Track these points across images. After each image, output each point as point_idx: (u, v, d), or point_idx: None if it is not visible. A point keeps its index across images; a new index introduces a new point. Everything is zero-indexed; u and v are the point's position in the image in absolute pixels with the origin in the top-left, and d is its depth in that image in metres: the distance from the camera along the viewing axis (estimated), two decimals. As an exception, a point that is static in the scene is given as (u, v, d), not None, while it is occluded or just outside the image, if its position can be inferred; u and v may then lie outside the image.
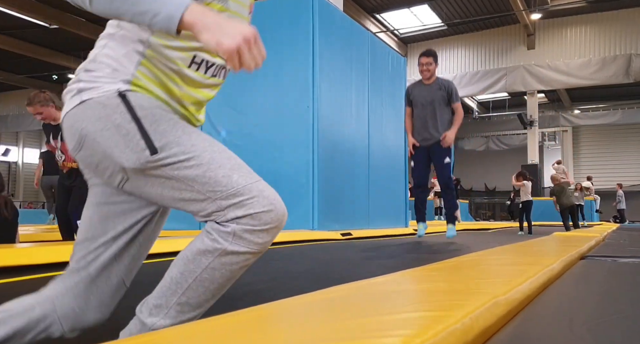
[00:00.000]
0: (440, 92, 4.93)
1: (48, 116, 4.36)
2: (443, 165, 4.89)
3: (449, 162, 4.89)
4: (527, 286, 1.53)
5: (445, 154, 4.89)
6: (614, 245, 5.08)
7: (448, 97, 4.96)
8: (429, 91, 4.97)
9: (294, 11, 6.09)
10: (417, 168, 5.03)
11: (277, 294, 1.84)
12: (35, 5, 14.92)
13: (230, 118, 6.23)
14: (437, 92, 4.94)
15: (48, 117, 4.36)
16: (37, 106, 4.30)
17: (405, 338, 0.80)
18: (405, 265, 2.48)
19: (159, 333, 0.92)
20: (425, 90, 5.01)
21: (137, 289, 1.98)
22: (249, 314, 1.10)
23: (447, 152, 4.91)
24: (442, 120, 4.93)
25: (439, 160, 4.90)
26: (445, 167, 4.88)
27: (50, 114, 4.37)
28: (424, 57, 5.01)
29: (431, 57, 4.99)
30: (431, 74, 4.99)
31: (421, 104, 4.99)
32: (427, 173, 5.03)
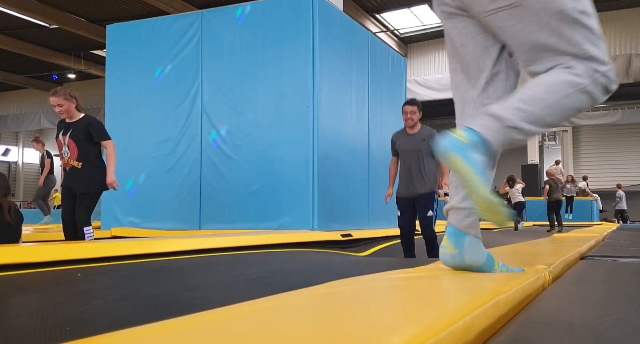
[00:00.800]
0: (424, 143, 4.90)
1: (67, 110, 4.37)
2: (426, 217, 4.89)
3: (431, 215, 4.90)
4: (527, 286, 1.53)
5: (429, 207, 4.90)
6: (614, 245, 5.09)
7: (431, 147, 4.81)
8: (414, 141, 4.97)
9: (294, 11, 6.09)
10: (403, 218, 5.01)
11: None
12: (35, 5, 14.91)
13: (230, 118, 6.23)
14: (421, 143, 4.92)
15: (66, 112, 4.38)
16: (61, 98, 4.33)
17: (406, 337, 0.80)
18: (405, 264, 2.49)
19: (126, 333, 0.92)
20: (410, 140, 5.01)
21: (137, 287, 1.97)
22: (245, 308, 1.10)
23: (431, 205, 4.91)
24: (427, 172, 4.92)
25: (422, 212, 4.91)
26: (428, 219, 4.89)
27: (70, 109, 4.39)
28: (408, 105, 5.02)
29: (415, 106, 4.99)
30: (415, 123, 4.99)
31: (406, 155, 5.00)
32: (412, 222, 5.03)
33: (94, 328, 1.26)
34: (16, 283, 2.10)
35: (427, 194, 4.89)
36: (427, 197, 4.89)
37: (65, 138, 4.38)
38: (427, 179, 4.89)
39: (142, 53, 6.81)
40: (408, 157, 4.96)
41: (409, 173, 4.92)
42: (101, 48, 17.03)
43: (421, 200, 4.89)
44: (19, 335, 1.20)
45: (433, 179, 4.97)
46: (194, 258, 3.13)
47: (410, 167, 4.92)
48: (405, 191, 4.96)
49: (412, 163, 4.92)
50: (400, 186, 5.06)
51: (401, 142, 5.06)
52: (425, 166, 4.90)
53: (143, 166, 6.62)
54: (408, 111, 4.97)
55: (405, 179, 4.97)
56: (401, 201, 5.02)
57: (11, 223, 3.67)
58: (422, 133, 4.97)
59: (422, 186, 4.87)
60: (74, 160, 4.35)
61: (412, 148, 4.95)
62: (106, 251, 2.90)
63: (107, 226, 6.67)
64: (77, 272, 2.36)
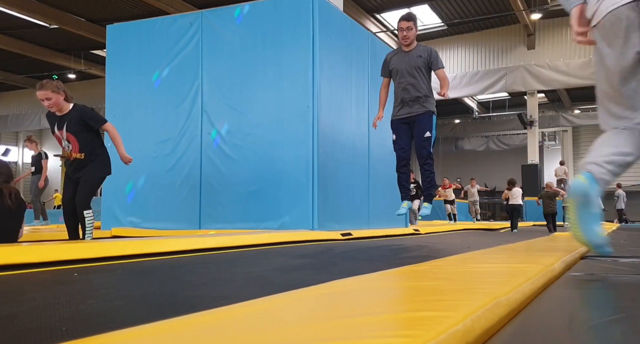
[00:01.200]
0: (421, 59, 4.55)
1: (56, 103, 4.27)
2: (423, 138, 4.51)
3: (429, 136, 4.52)
4: (527, 287, 1.53)
5: (427, 128, 4.52)
6: (614, 245, 5.08)
7: (429, 63, 4.58)
8: (410, 59, 4.59)
9: (294, 11, 6.09)
10: (398, 142, 4.63)
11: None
12: (35, 5, 14.91)
13: (230, 118, 6.23)
14: (418, 59, 4.56)
15: (55, 105, 4.28)
16: (48, 91, 4.23)
17: (407, 339, 0.80)
18: (404, 264, 2.48)
19: (123, 333, 0.92)
20: (406, 58, 4.61)
21: (134, 286, 1.97)
22: (243, 309, 1.10)
23: (429, 126, 4.54)
24: (425, 90, 4.56)
25: (420, 134, 4.53)
26: (425, 141, 4.51)
27: (59, 102, 4.29)
28: (403, 21, 4.62)
29: (411, 21, 4.63)
30: (411, 40, 4.61)
31: (401, 73, 4.60)
32: (409, 147, 4.64)
33: (90, 328, 1.26)
34: (12, 282, 2.10)
35: (425, 114, 4.53)
36: (425, 118, 4.54)
37: (63, 133, 4.34)
38: (425, 98, 4.54)
39: (142, 53, 6.81)
40: (404, 75, 4.58)
41: (406, 93, 4.56)
42: (101, 48, 17.04)
43: (419, 120, 4.54)
44: (14, 335, 1.20)
45: (431, 98, 4.60)
46: (191, 257, 3.13)
47: (407, 86, 4.55)
48: (402, 112, 4.60)
49: (408, 82, 4.55)
50: (395, 108, 4.69)
51: (396, 60, 4.70)
52: (424, 84, 4.56)
53: (143, 166, 6.61)
54: (404, 27, 4.58)
55: (402, 99, 4.59)
56: (397, 123, 4.65)
57: (12, 207, 3.68)
58: (419, 50, 4.62)
59: (420, 106, 4.53)
60: (77, 152, 4.33)
61: (408, 66, 4.57)
62: (103, 251, 2.90)
63: (107, 226, 6.67)
64: (73, 272, 2.36)
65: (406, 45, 4.65)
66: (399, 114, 4.61)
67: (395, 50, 4.81)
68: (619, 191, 18.39)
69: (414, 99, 4.53)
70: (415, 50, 4.64)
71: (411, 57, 4.60)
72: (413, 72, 4.55)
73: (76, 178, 4.38)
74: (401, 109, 4.59)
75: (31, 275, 2.27)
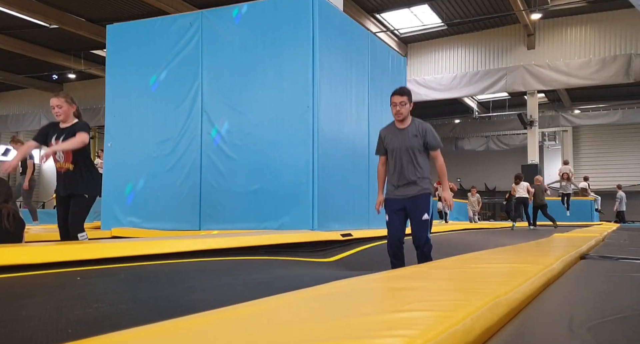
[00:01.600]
0: (416, 139, 4.29)
1: (65, 113, 4.31)
2: (420, 222, 4.20)
3: (427, 220, 4.21)
4: (527, 286, 1.53)
5: (424, 210, 4.23)
6: (614, 245, 5.09)
7: (425, 143, 4.32)
8: (405, 137, 4.33)
9: (294, 11, 6.09)
10: (392, 222, 4.33)
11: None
12: (35, 5, 14.91)
13: (230, 118, 6.23)
14: (413, 138, 4.30)
15: (64, 114, 4.32)
16: (62, 100, 4.28)
17: (407, 339, 0.80)
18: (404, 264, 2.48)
19: (125, 333, 0.92)
20: (400, 136, 4.35)
21: (138, 290, 1.97)
22: (244, 309, 1.10)
23: (426, 208, 4.26)
24: (421, 171, 4.31)
25: (416, 216, 4.22)
26: (422, 224, 4.20)
27: (67, 114, 4.34)
28: (396, 95, 4.32)
29: (405, 95, 4.33)
30: (405, 116, 4.32)
31: (397, 153, 4.35)
32: (402, 228, 4.33)
33: (96, 331, 1.26)
34: (17, 286, 2.10)
35: (421, 195, 4.28)
36: (421, 198, 4.27)
37: (59, 143, 4.31)
38: (421, 179, 4.30)
39: (142, 53, 6.81)
40: (399, 154, 4.33)
41: (402, 175, 4.31)
42: (101, 48, 17.03)
43: (415, 201, 4.26)
44: (20, 337, 1.21)
45: (428, 179, 4.37)
46: (194, 262, 3.12)
47: (402, 166, 4.31)
48: (397, 192, 4.34)
49: (403, 162, 4.31)
50: (389, 187, 4.44)
51: (390, 138, 4.42)
52: (419, 164, 4.31)
53: (143, 166, 6.62)
54: (397, 102, 4.30)
55: (396, 179, 4.35)
56: (390, 203, 4.37)
57: (10, 229, 3.58)
58: (414, 128, 4.35)
59: (416, 187, 4.28)
60: (69, 162, 4.31)
61: (403, 145, 4.32)
62: (105, 252, 2.90)
63: (107, 226, 6.67)
64: (76, 274, 2.36)
65: (399, 122, 4.37)
66: (394, 194, 4.35)
67: (388, 127, 4.51)
68: (620, 193, 18.36)
69: (409, 182, 4.29)
70: (410, 128, 4.35)
71: (405, 135, 4.34)
72: (408, 153, 4.30)
73: (67, 196, 4.34)
74: (396, 189, 4.34)
75: (35, 277, 2.27)
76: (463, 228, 10.12)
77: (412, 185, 4.28)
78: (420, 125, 4.36)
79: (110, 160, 6.96)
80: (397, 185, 4.33)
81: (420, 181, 4.29)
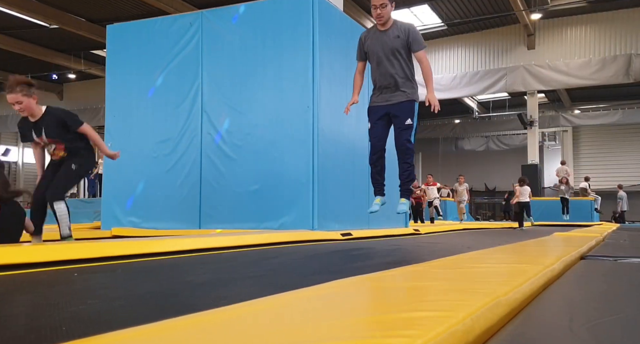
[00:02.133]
0: (399, 40, 4.02)
1: (28, 107, 3.84)
2: (403, 126, 4.02)
3: (410, 124, 4.03)
4: (527, 287, 1.53)
5: (408, 115, 4.04)
6: (614, 245, 5.09)
7: (408, 44, 4.05)
8: (386, 39, 4.07)
9: (294, 11, 6.09)
10: (374, 130, 4.17)
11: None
12: (35, 5, 14.91)
13: (230, 118, 6.23)
14: (395, 40, 4.03)
15: (27, 109, 3.85)
16: (19, 95, 3.78)
17: (407, 339, 0.80)
18: (404, 265, 2.48)
19: (124, 333, 0.92)
20: (381, 38, 4.08)
21: (139, 286, 1.97)
22: (245, 309, 1.10)
23: (410, 114, 4.06)
24: (405, 75, 4.08)
25: (400, 122, 4.04)
26: (406, 129, 4.01)
27: (31, 106, 3.86)
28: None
29: None
30: (386, 18, 4.05)
31: (378, 57, 4.11)
32: (385, 136, 4.18)
33: (90, 328, 1.26)
34: (12, 283, 2.10)
35: (405, 102, 4.07)
36: (406, 105, 4.06)
37: (43, 138, 4.04)
38: (404, 82, 4.08)
39: (142, 53, 6.81)
40: (381, 59, 4.10)
41: (384, 79, 4.09)
42: (101, 48, 17.03)
43: (399, 108, 4.06)
44: (14, 335, 1.20)
45: (412, 83, 4.13)
46: (191, 257, 3.13)
47: (386, 70, 4.09)
48: (380, 99, 4.15)
49: (386, 66, 4.08)
50: (373, 94, 4.25)
51: (371, 41, 4.17)
52: (404, 68, 4.08)
53: (143, 166, 6.61)
54: (377, 4, 4.01)
55: (380, 85, 4.14)
56: (374, 110, 4.19)
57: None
58: (397, 29, 4.09)
59: (401, 93, 4.07)
60: (62, 150, 4.07)
61: (385, 48, 4.07)
62: (103, 250, 2.90)
63: (107, 226, 6.67)
64: (73, 272, 2.36)
65: (381, 25, 4.12)
66: (377, 101, 4.18)
67: (370, 30, 4.26)
68: (621, 193, 18.33)
69: (393, 86, 4.09)
70: (392, 29, 4.10)
71: (388, 37, 4.08)
72: (390, 55, 4.07)
73: (58, 166, 4.10)
74: (379, 96, 4.16)
75: (31, 275, 2.27)
76: (463, 228, 10.12)
77: (395, 90, 4.10)
78: (402, 25, 4.12)
79: (110, 160, 6.95)
80: (381, 87, 4.14)
81: (404, 86, 4.08)
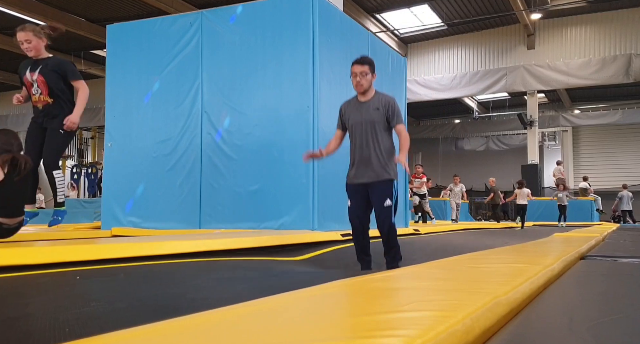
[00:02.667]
0: (377, 113, 3.87)
1: (35, 47, 4.03)
2: (382, 208, 3.83)
3: (390, 205, 3.84)
4: (527, 287, 1.53)
5: (386, 196, 3.86)
6: (614, 245, 5.09)
7: (387, 117, 3.90)
8: (365, 111, 3.92)
9: (294, 11, 6.09)
10: (353, 210, 3.94)
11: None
12: (35, 5, 14.92)
13: (230, 118, 6.23)
14: (375, 112, 3.88)
15: (35, 49, 4.03)
16: (29, 33, 3.99)
17: (407, 339, 0.80)
18: (404, 265, 2.49)
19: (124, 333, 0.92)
20: (361, 109, 3.94)
21: (142, 289, 1.97)
22: (244, 309, 1.10)
23: (388, 193, 3.87)
24: (383, 151, 3.90)
25: (379, 202, 3.85)
26: (385, 211, 3.83)
27: (39, 47, 4.03)
28: (357, 65, 3.93)
29: (366, 65, 3.91)
30: (366, 88, 3.91)
31: (356, 129, 3.94)
32: (366, 215, 3.97)
33: (93, 330, 1.26)
34: (15, 285, 2.10)
35: (382, 182, 3.88)
36: (384, 184, 3.88)
37: (34, 75, 4.06)
38: (383, 160, 3.89)
39: (142, 53, 6.81)
40: (359, 131, 3.92)
41: (362, 153, 3.90)
42: (101, 48, 17.04)
43: (377, 186, 3.88)
44: (17, 336, 1.21)
45: (390, 161, 3.93)
46: (193, 261, 3.12)
47: (363, 144, 3.90)
48: (357, 177, 3.93)
49: (364, 140, 3.90)
50: (350, 169, 4.03)
51: (350, 112, 4.00)
52: (381, 143, 3.89)
53: (143, 166, 6.61)
54: (357, 72, 3.89)
55: (357, 160, 3.94)
56: (351, 188, 3.97)
57: (19, 180, 3.49)
58: (376, 101, 3.92)
59: (378, 172, 3.87)
60: (47, 95, 4.04)
61: (363, 120, 3.90)
62: (105, 253, 2.90)
63: (107, 225, 6.67)
64: (76, 274, 2.36)
65: (361, 95, 3.98)
66: (355, 178, 3.96)
67: (350, 100, 4.11)
68: (623, 193, 18.30)
69: (370, 163, 3.89)
70: (373, 100, 3.93)
71: (367, 109, 3.93)
72: (368, 128, 3.89)
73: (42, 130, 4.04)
74: (356, 173, 3.95)
75: (34, 277, 2.27)
76: (463, 228, 10.12)
77: (372, 168, 3.89)
78: (383, 98, 3.97)
79: (110, 160, 6.96)
80: (358, 163, 3.94)
81: (382, 164, 3.89)
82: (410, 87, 16.15)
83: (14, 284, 2.09)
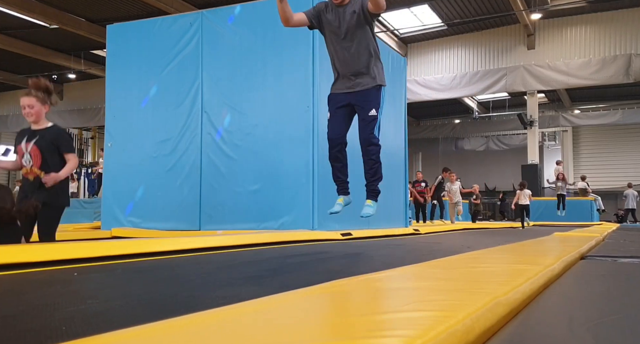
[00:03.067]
0: (356, 16, 3.55)
1: (37, 114, 3.77)
2: (367, 117, 3.61)
3: (375, 115, 3.61)
4: (527, 287, 1.53)
5: (372, 105, 3.61)
6: (614, 245, 5.08)
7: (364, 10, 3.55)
8: (344, 18, 3.59)
9: (293, 11, 6.08)
10: (332, 122, 3.73)
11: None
12: (35, 5, 14.91)
13: (230, 118, 6.23)
14: (352, 16, 3.56)
15: (36, 115, 3.78)
16: (34, 99, 3.74)
17: (407, 339, 0.80)
18: (404, 265, 2.48)
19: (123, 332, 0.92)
20: (340, 16, 3.60)
21: (138, 286, 1.97)
22: (244, 309, 1.10)
23: (376, 103, 3.63)
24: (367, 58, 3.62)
25: (364, 112, 3.61)
26: (370, 121, 3.61)
27: (40, 114, 3.79)
28: None
29: None
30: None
31: (336, 38, 3.63)
32: (344, 128, 3.76)
33: (90, 328, 1.26)
34: (12, 282, 2.10)
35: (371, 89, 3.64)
36: (371, 93, 3.64)
37: (29, 145, 3.87)
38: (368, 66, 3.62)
39: (142, 53, 6.81)
40: (340, 41, 3.62)
41: (345, 65, 3.63)
42: (101, 48, 17.03)
43: (363, 96, 3.62)
44: (14, 335, 1.20)
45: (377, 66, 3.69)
46: (190, 257, 3.13)
47: (346, 56, 3.62)
48: (341, 86, 3.69)
49: (347, 51, 3.61)
50: (334, 81, 3.77)
51: (329, 18, 3.66)
52: (366, 49, 3.62)
53: (143, 166, 6.61)
54: None
55: (340, 72, 3.69)
56: (334, 98, 3.73)
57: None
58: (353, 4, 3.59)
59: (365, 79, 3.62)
60: (37, 167, 3.85)
61: (344, 28, 3.59)
62: (103, 250, 2.90)
63: (107, 226, 6.67)
64: (73, 271, 2.36)
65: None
66: (338, 88, 3.73)
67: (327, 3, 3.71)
68: (628, 191, 18.28)
69: (356, 71, 3.64)
70: (349, 5, 3.60)
71: (345, 15, 3.59)
72: (349, 36, 3.59)
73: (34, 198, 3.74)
74: (340, 82, 3.71)
75: (31, 274, 2.27)
76: (463, 228, 10.12)
77: (358, 76, 3.64)
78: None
79: (110, 160, 6.96)
80: (341, 77, 3.69)
81: (368, 69, 3.63)
82: (410, 87, 16.15)
83: (9, 282, 2.09)
